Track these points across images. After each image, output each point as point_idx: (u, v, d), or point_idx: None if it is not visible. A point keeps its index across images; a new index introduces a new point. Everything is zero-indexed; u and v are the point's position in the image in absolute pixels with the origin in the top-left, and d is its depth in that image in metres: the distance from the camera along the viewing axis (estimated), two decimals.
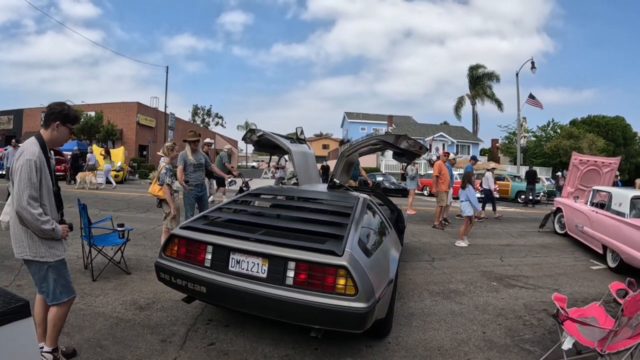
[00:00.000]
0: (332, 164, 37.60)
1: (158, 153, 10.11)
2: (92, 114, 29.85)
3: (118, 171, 20.65)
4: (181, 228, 3.77)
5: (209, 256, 3.43)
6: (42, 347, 2.94)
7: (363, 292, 2.95)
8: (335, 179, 5.08)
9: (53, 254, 2.89)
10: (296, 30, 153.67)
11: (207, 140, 11.38)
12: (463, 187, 8.32)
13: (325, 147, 67.94)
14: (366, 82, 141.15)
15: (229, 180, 8.24)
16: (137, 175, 26.01)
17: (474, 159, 13.27)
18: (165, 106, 32.16)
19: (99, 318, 4.05)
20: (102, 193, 15.45)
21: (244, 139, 6.09)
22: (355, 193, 4.78)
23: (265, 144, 6.00)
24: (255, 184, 10.08)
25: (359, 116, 60.81)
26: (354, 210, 3.87)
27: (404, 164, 7.00)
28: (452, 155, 12.68)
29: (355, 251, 3.17)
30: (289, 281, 3.09)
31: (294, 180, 9.78)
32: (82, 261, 5.70)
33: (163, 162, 5.62)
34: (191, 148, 6.43)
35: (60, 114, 2.92)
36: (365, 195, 4.59)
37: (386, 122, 46.88)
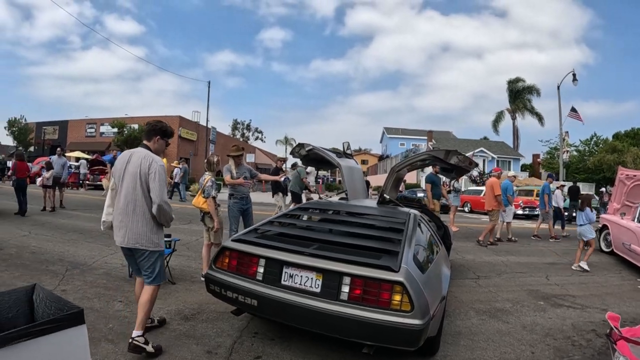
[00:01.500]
0: (372, 179, 37.50)
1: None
2: (135, 126, 30.76)
3: None
4: (233, 241, 3.81)
5: (261, 269, 3.46)
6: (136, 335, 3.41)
7: (418, 309, 2.91)
8: (385, 194, 5.06)
9: (163, 243, 3.63)
10: (334, 46, 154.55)
11: (281, 156, 11.88)
12: (582, 209, 7.98)
13: (364, 162, 67.43)
14: (404, 97, 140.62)
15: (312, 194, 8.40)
16: None
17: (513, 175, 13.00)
18: (207, 120, 32.98)
19: None
20: None
21: (292, 153, 6.15)
22: (405, 209, 4.75)
23: (314, 159, 6.04)
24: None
25: (398, 131, 60.74)
26: (407, 226, 3.85)
27: (449, 179, 6.92)
28: (512, 173, 12.42)
29: (411, 267, 3.15)
30: (344, 296, 3.08)
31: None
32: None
33: (208, 175, 5.67)
34: (235, 162, 6.49)
35: (160, 130, 3.65)
36: (416, 211, 4.55)
37: (425, 138, 46.41)
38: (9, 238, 7.92)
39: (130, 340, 3.36)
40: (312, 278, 3.23)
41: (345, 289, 3.09)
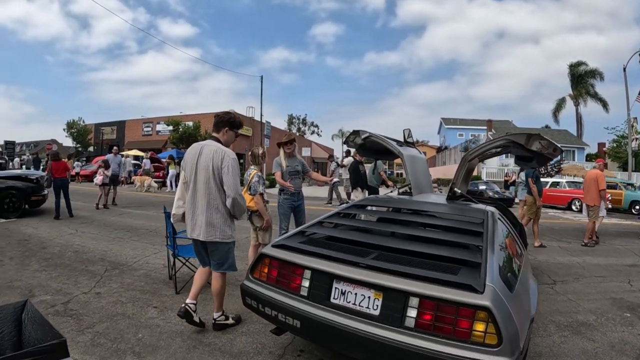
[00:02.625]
0: (431, 171, 36.54)
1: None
2: (190, 123, 31.39)
3: None
4: (273, 246, 3.22)
5: (305, 283, 2.84)
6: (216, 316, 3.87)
7: (508, 342, 2.18)
8: (455, 188, 4.31)
9: (234, 234, 3.78)
10: (387, 38, 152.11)
11: (352, 150, 11.03)
12: None
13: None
14: (460, 87, 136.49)
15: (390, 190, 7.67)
16: None
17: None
18: (261, 115, 32.78)
19: (175, 338, 3.68)
20: None
21: (346, 142, 5.51)
22: (479, 205, 3.98)
23: (371, 148, 5.37)
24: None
25: (456, 122, 58.64)
26: (485, 227, 3.09)
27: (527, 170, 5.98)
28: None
29: (498, 285, 2.41)
30: (410, 322, 2.40)
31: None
32: (167, 271, 5.41)
33: (253, 170, 5.12)
34: (285, 152, 5.76)
35: (228, 122, 3.74)
36: (493, 208, 3.77)
37: (484, 127, 44.42)
38: (55, 236, 7.82)
39: (213, 321, 3.84)
40: (369, 297, 2.57)
41: (412, 312, 2.40)
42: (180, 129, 31.41)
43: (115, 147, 13.68)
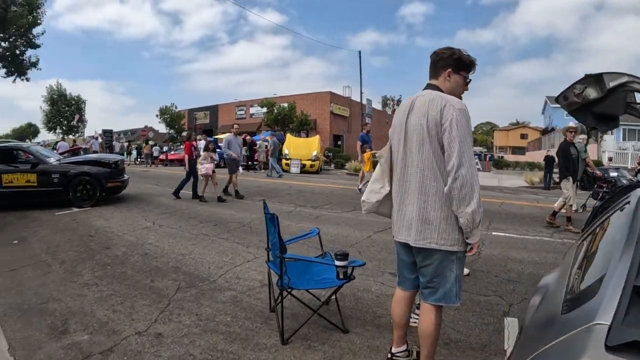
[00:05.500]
0: (534, 155, 32.39)
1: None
2: (285, 105, 30.67)
3: (314, 161, 20.13)
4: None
5: None
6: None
7: None
8: None
9: (463, 240, 2.26)
10: (478, 15, 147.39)
11: None
12: None
13: (523, 136, 61.19)
14: (559, 65, 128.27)
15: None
16: (332, 165, 25.18)
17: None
18: (361, 93, 30.58)
19: None
20: (298, 184, 13.83)
21: (566, 97, 3.27)
22: None
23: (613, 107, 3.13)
24: None
25: None
26: None
27: None
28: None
29: None
30: None
31: None
32: (268, 297, 3.51)
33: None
34: None
35: (451, 59, 2.40)
36: None
37: None
38: (125, 231, 6.28)
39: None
40: None
41: None
42: (275, 111, 30.50)
43: (236, 126, 11.35)
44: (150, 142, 28.66)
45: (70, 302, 3.71)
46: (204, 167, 9.59)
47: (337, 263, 2.80)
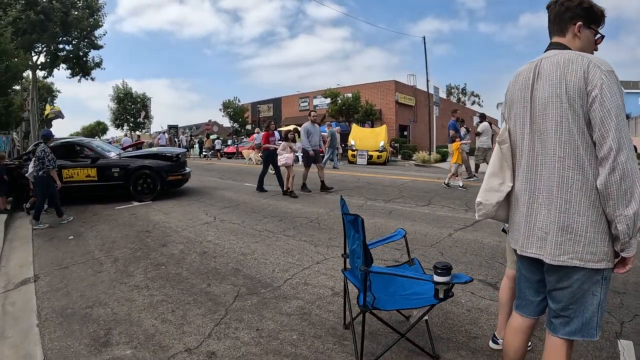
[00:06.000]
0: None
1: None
2: (349, 95, 29.92)
3: (381, 152, 19.28)
4: None
5: None
6: None
7: None
8: None
9: (613, 254, 1.66)
10: None
11: None
12: None
13: None
14: (627, 48, 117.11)
15: None
16: (399, 157, 24.17)
17: None
18: (427, 80, 29.12)
19: None
20: (366, 175, 13.12)
21: None
22: None
23: None
24: None
25: (636, 85, 48.65)
26: None
27: None
28: None
29: None
30: None
31: None
32: (343, 312, 2.89)
33: None
34: None
35: (581, 8, 1.78)
36: None
37: None
38: (184, 227, 5.87)
39: None
40: None
41: None
42: (339, 101, 29.85)
43: (313, 112, 10.16)
44: (212, 137, 29.20)
45: (117, 307, 3.27)
46: (283, 157, 8.96)
47: (437, 279, 2.09)
